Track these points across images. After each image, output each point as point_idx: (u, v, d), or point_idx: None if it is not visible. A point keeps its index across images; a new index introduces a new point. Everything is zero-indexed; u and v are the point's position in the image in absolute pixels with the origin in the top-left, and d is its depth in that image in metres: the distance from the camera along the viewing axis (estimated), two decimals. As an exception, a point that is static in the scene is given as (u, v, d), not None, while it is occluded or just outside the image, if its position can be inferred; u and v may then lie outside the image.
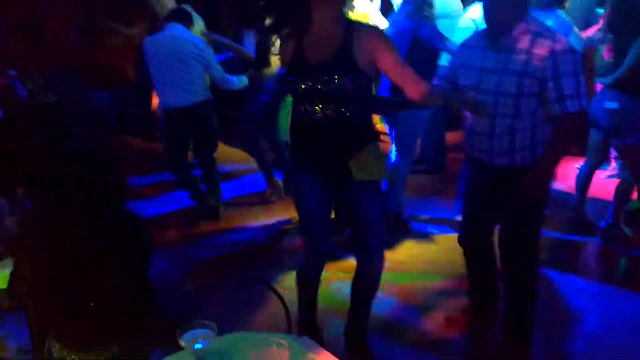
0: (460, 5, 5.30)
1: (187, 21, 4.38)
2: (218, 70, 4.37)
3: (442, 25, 4.38)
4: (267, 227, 4.55)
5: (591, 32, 3.99)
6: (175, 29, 4.30)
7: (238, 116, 5.62)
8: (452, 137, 5.60)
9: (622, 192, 4.04)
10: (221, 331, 1.82)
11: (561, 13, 4.15)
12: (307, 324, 2.91)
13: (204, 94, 4.38)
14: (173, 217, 4.82)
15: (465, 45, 2.76)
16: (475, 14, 4.60)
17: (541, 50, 2.42)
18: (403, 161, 4.28)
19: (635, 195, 4.22)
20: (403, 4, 4.22)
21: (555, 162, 2.58)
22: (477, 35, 2.71)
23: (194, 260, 4.09)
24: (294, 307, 2.82)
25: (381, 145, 2.68)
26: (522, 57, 2.45)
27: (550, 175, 2.63)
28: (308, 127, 2.52)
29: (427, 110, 4.12)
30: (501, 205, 2.72)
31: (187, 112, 4.31)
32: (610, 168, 5.02)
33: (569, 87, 2.42)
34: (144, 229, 2.07)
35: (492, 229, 2.93)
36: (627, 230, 4.08)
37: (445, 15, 5.13)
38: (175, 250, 4.21)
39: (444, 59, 4.17)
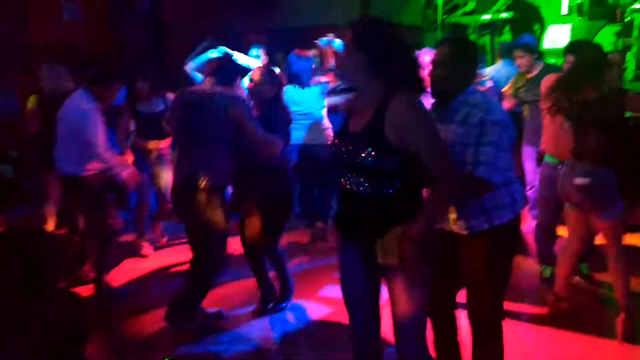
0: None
1: (101, 86, 3.94)
2: (101, 142, 3.88)
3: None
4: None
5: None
6: (77, 96, 3.94)
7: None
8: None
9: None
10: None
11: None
12: None
13: (85, 167, 3.96)
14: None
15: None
16: None
17: (473, 120, 2.48)
18: None
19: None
20: None
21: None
22: (435, 103, 2.73)
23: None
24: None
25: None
26: (455, 127, 2.51)
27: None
28: (344, 197, 2.39)
29: None
30: (461, 271, 2.69)
31: (71, 181, 4.01)
32: None
33: (485, 155, 2.43)
34: (81, 314, 1.93)
35: (453, 297, 2.84)
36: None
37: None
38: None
39: None
